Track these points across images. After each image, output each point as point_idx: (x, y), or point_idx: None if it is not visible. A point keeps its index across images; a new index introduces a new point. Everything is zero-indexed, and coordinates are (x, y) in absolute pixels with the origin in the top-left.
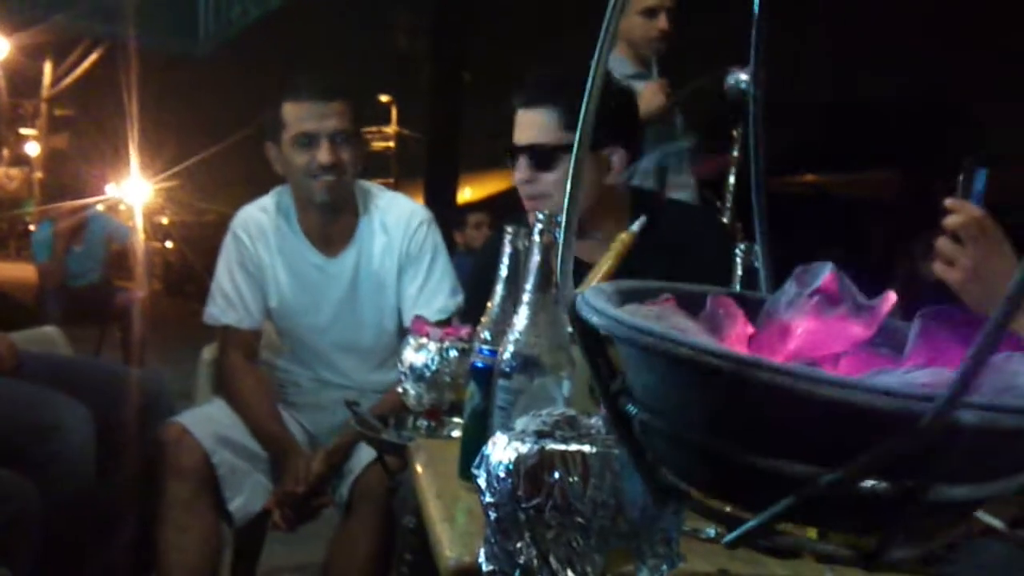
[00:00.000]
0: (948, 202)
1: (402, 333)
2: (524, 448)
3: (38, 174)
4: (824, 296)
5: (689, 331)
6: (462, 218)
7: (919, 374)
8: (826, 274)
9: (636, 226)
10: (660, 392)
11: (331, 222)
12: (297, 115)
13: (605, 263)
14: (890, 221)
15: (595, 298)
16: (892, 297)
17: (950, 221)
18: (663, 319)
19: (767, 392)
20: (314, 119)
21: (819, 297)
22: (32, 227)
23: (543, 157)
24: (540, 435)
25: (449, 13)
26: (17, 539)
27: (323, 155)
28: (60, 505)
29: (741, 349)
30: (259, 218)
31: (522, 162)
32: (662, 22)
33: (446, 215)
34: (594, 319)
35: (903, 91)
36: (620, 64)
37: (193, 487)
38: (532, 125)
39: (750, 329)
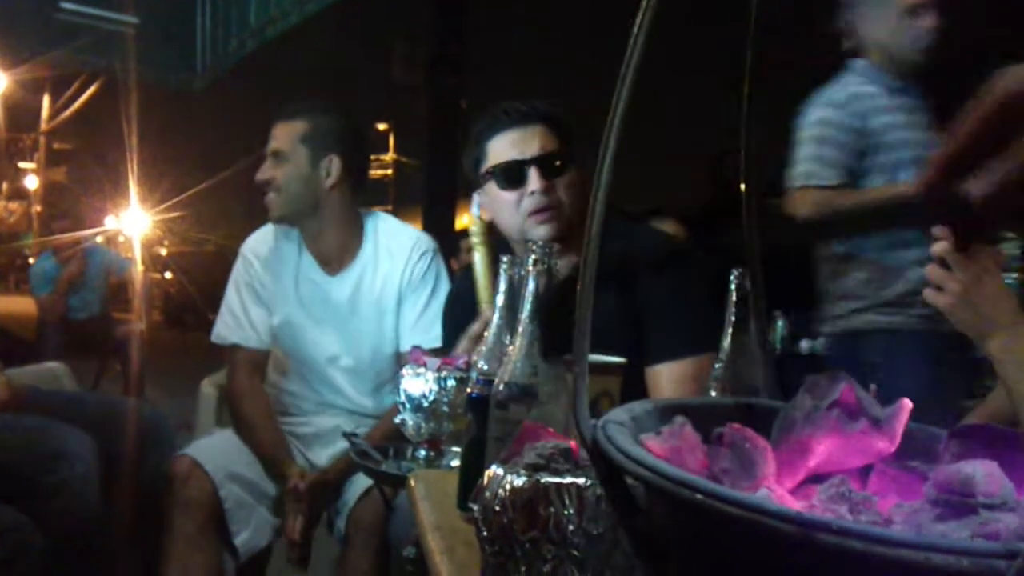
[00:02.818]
0: (935, 230)
1: (398, 358)
2: (519, 481)
3: (37, 207)
4: (843, 409)
5: (730, 475)
6: (457, 243)
7: (988, 520)
8: (841, 386)
9: (474, 209)
10: (699, 544)
11: (333, 241)
12: None
13: (480, 256)
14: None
15: (619, 434)
16: (908, 405)
17: (937, 248)
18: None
19: (836, 555)
20: (270, 139)
21: (838, 411)
22: (31, 260)
23: (554, 165)
24: (535, 468)
25: (446, 42)
26: (17, 574)
27: (260, 172)
28: (65, 535)
29: (785, 495)
30: (267, 238)
31: (534, 173)
32: (930, 20)
33: (444, 241)
34: (635, 470)
35: None
36: (876, 76)
37: (200, 521)
38: (535, 138)
39: (771, 452)
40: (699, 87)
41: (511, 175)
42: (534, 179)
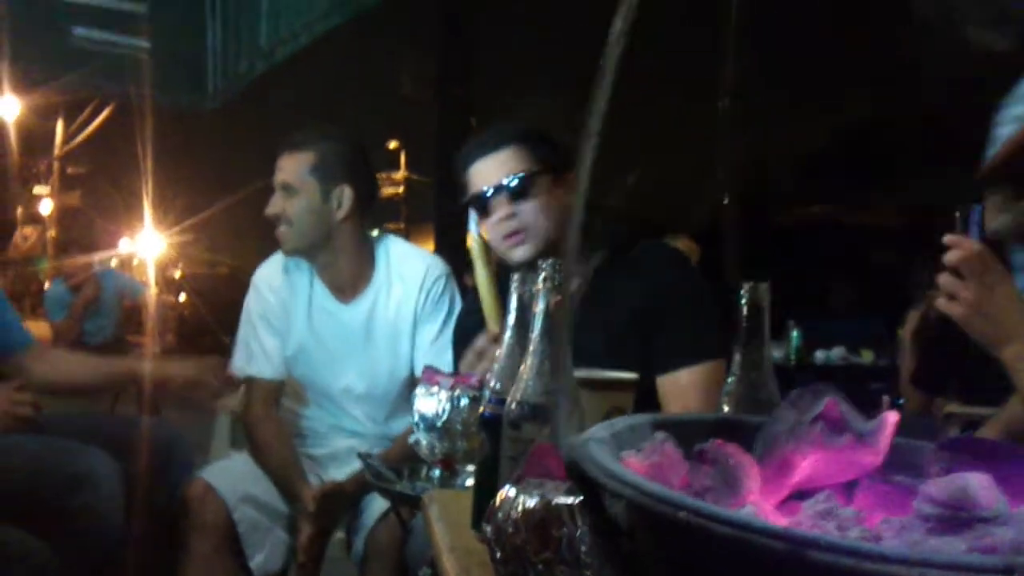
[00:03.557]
0: (947, 238)
1: (413, 384)
2: (531, 502)
3: (51, 232)
4: (827, 423)
5: (717, 493)
6: (470, 260)
7: (985, 533)
8: (825, 400)
9: (473, 228)
10: (683, 564)
11: (346, 270)
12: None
13: (482, 274)
14: (902, 249)
15: (599, 452)
16: (893, 418)
17: (950, 257)
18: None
19: (827, 572)
20: (276, 170)
21: (822, 425)
22: (47, 284)
23: (521, 188)
24: (547, 488)
25: (455, 59)
26: None
27: (269, 206)
28: (89, 558)
29: (770, 511)
30: (279, 268)
31: (499, 200)
32: None
33: (457, 258)
34: (615, 487)
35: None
36: None
37: (214, 543)
38: (502, 164)
39: (755, 468)
40: (714, 99)
41: (481, 204)
42: (500, 206)
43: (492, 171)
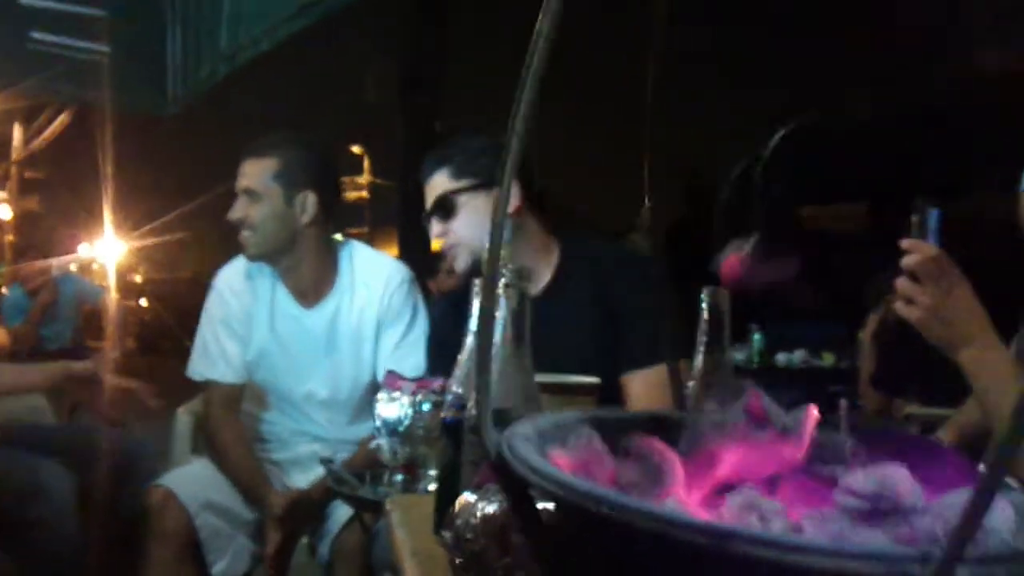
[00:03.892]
0: (905, 243)
1: (376, 388)
2: (490, 508)
3: (9, 237)
4: (751, 417)
5: (641, 489)
6: (434, 266)
7: (904, 524)
8: (749, 394)
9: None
10: (608, 559)
11: (309, 274)
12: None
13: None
14: (863, 254)
15: (524, 448)
16: (814, 413)
17: (908, 261)
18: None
19: (749, 565)
20: (239, 175)
21: (745, 420)
22: (4, 290)
23: (445, 208)
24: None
25: (421, 63)
26: None
27: (232, 211)
28: (43, 570)
29: (694, 505)
30: (240, 271)
31: (434, 222)
32: None
33: (421, 263)
34: (540, 483)
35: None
36: None
37: (175, 551)
38: (432, 189)
39: (679, 462)
40: (676, 97)
41: (426, 230)
42: (435, 226)
43: (428, 196)
